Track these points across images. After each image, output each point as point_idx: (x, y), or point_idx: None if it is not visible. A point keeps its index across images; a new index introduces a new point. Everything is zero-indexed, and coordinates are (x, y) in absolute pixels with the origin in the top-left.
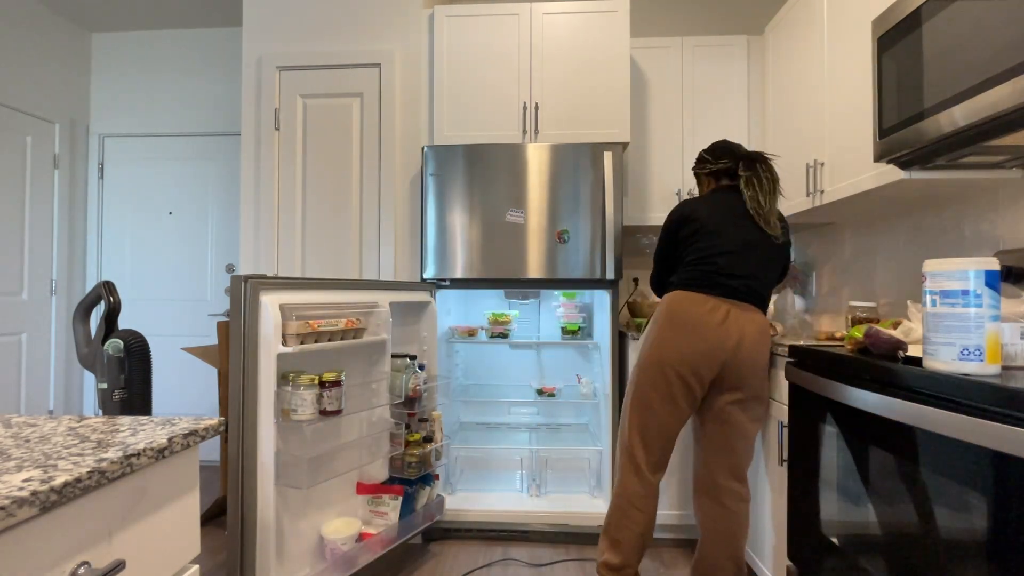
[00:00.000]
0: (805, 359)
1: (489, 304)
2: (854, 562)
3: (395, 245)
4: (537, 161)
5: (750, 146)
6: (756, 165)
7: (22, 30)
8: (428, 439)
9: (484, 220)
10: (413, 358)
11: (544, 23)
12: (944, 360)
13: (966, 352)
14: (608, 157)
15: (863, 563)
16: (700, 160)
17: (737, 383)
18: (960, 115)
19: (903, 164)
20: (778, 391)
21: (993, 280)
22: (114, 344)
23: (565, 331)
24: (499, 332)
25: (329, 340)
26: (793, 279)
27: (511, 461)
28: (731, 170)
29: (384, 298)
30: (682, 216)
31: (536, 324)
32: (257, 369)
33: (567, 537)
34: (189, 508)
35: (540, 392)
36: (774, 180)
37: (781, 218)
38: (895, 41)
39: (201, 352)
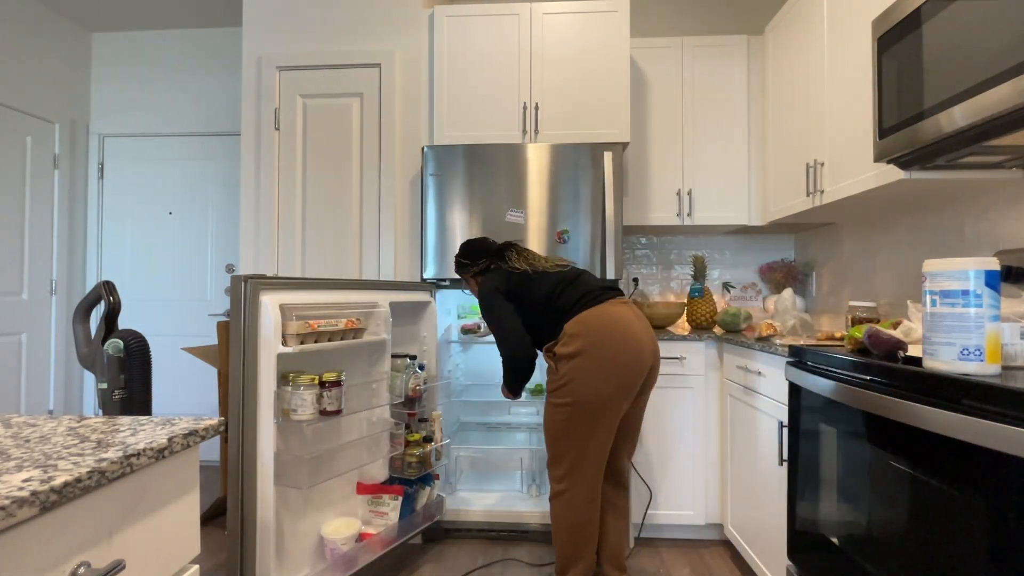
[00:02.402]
0: (805, 359)
1: None
2: (854, 562)
3: (395, 245)
4: (537, 161)
5: (750, 146)
6: (509, 251)
7: (22, 30)
8: (428, 439)
9: (484, 220)
10: (413, 358)
11: (544, 23)
12: (944, 360)
13: (966, 352)
14: (608, 157)
15: (863, 563)
16: (461, 266)
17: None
18: (960, 115)
19: (903, 164)
20: (778, 391)
21: (993, 280)
22: (114, 344)
23: None
24: (468, 330)
25: (329, 340)
26: (793, 279)
27: (511, 461)
28: (489, 266)
29: (384, 298)
30: (499, 289)
31: None
32: (257, 369)
33: None
34: (189, 508)
35: (538, 390)
36: (528, 251)
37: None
38: (895, 41)
39: (201, 352)
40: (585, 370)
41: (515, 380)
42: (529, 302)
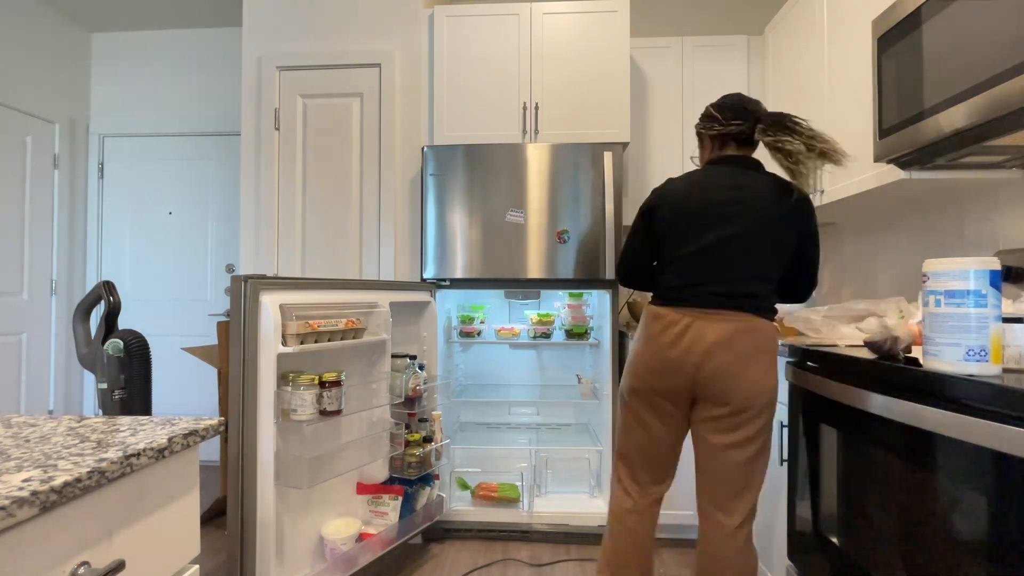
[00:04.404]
0: (805, 359)
1: (491, 304)
2: (854, 562)
3: (395, 245)
4: (537, 161)
5: None
6: (784, 129)
7: (22, 30)
8: (428, 439)
9: (484, 220)
10: (413, 358)
11: (544, 23)
12: (949, 361)
13: (971, 353)
14: (608, 157)
15: (863, 563)
16: (707, 116)
17: (711, 398)
18: (960, 115)
19: (903, 164)
20: (778, 391)
21: (996, 280)
22: (114, 344)
23: (571, 334)
24: (468, 332)
25: (329, 340)
26: None
27: (511, 461)
28: (744, 135)
29: (384, 298)
30: (651, 206)
31: (507, 317)
32: (257, 369)
33: (567, 537)
34: (189, 508)
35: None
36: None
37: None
38: (895, 41)
39: (201, 352)
40: (630, 351)
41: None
42: (662, 240)
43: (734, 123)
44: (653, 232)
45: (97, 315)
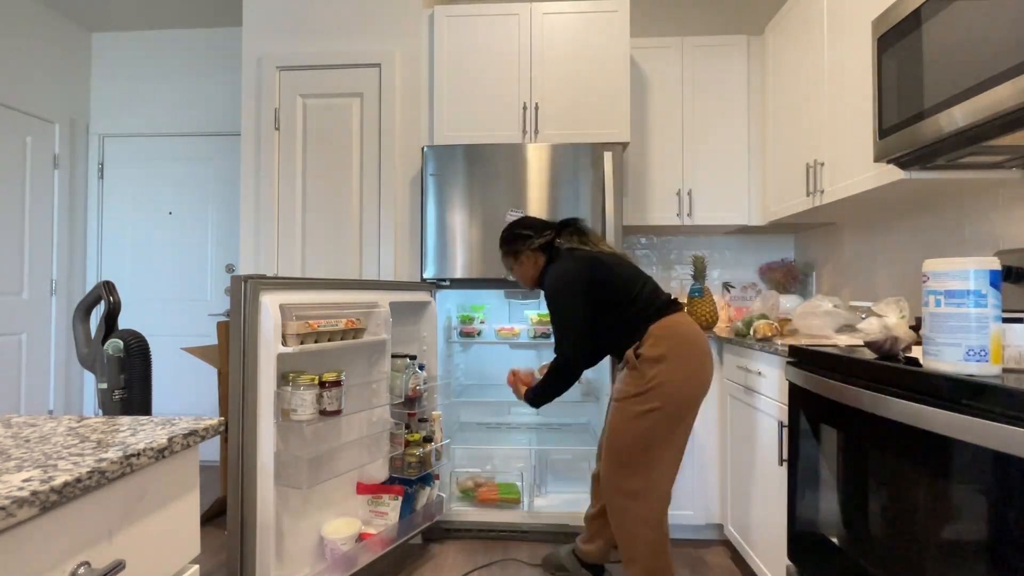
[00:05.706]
0: (805, 359)
1: (491, 304)
2: (854, 562)
3: (395, 245)
4: (537, 161)
5: (750, 146)
6: (576, 227)
7: (22, 30)
8: (428, 439)
9: (484, 220)
10: (413, 358)
11: (544, 23)
12: (949, 361)
13: (971, 353)
14: (608, 157)
15: (863, 563)
16: (522, 237)
17: None
18: (960, 115)
19: (903, 164)
20: (778, 391)
21: (996, 280)
22: (114, 344)
23: None
24: (468, 332)
25: (329, 340)
26: (793, 279)
27: (511, 461)
28: (551, 242)
29: (384, 298)
30: (592, 278)
31: (507, 317)
32: (257, 369)
33: (567, 537)
34: (189, 508)
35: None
36: (591, 231)
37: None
38: (895, 41)
39: (201, 352)
40: (673, 373)
41: (559, 387)
42: (611, 293)
43: (546, 233)
44: (598, 299)
45: (97, 315)
